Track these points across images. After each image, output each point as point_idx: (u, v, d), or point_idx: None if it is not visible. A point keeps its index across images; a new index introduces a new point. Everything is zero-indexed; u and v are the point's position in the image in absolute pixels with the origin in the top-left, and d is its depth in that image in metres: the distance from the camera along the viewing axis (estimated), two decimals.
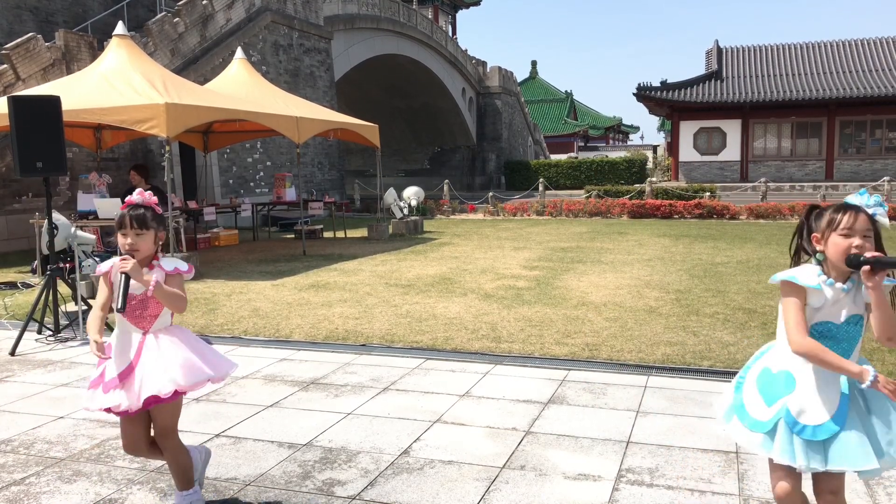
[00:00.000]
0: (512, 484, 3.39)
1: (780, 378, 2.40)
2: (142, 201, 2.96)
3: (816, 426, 2.30)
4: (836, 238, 2.30)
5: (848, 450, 2.27)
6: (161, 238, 3.01)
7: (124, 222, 2.91)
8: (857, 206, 2.33)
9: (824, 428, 2.29)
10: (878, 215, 2.31)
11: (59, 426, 4.24)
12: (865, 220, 2.30)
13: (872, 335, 2.34)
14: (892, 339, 2.28)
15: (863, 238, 2.27)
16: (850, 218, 2.30)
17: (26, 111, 6.42)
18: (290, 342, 6.24)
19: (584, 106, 69.00)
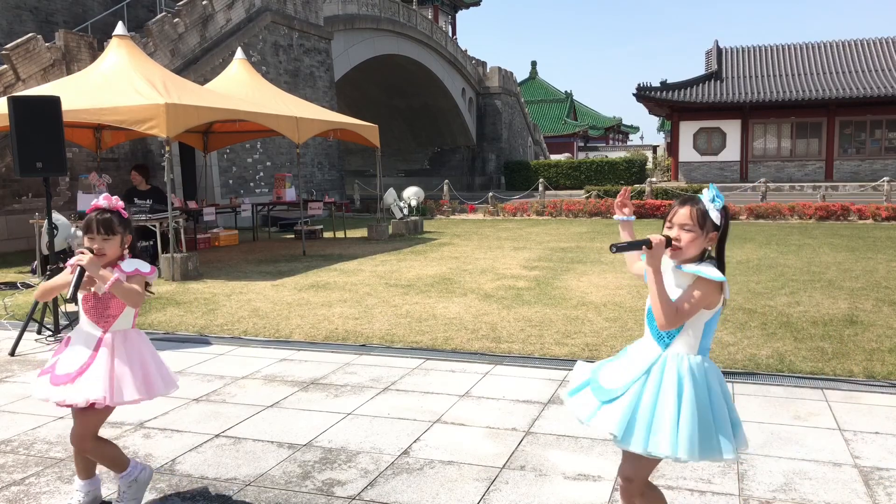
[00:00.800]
0: (512, 484, 3.39)
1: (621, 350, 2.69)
2: (108, 206, 3.00)
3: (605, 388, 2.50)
4: (664, 230, 2.55)
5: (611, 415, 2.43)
6: (128, 241, 3.05)
7: (91, 227, 2.95)
8: (691, 199, 2.51)
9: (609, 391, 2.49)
10: (709, 211, 2.46)
11: (59, 426, 4.24)
12: (688, 214, 2.46)
13: (868, 337, 2.34)
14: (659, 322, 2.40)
15: (680, 229, 2.47)
16: (675, 210, 2.52)
17: (26, 111, 6.42)
18: (289, 342, 6.24)
19: (583, 106, 68.99)
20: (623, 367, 2.54)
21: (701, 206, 2.47)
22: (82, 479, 3.16)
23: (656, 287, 2.39)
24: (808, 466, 3.52)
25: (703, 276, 2.40)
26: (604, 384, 2.52)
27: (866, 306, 7.26)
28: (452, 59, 36.78)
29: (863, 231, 15.44)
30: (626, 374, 2.50)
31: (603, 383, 2.53)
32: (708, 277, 2.40)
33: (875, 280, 8.89)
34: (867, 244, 12.87)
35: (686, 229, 2.45)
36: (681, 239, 2.45)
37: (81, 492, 3.15)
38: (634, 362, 2.52)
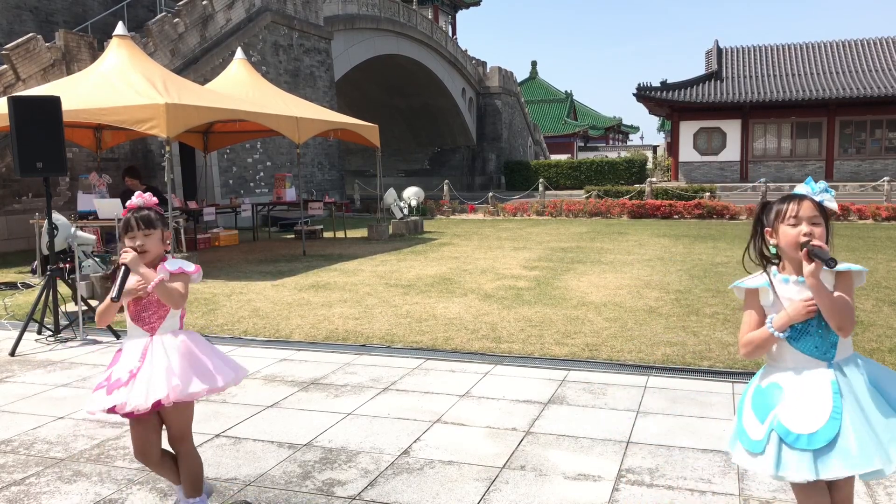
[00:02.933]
0: (512, 484, 3.39)
1: (768, 391, 2.35)
2: (143, 203, 2.97)
3: (811, 434, 2.21)
4: (785, 228, 2.29)
5: (844, 454, 2.17)
6: (168, 237, 3.03)
7: (130, 225, 2.92)
8: (802, 194, 2.33)
9: (819, 435, 2.20)
10: (825, 201, 2.30)
11: (59, 426, 4.24)
12: (810, 206, 2.28)
13: (868, 338, 2.34)
14: (842, 329, 2.22)
15: (811, 225, 2.26)
16: (795, 206, 2.29)
17: (26, 111, 6.42)
18: (290, 342, 6.24)
19: (584, 106, 68.99)
20: (804, 403, 2.25)
21: (812, 198, 2.30)
22: (178, 485, 3.07)
23: (828, 296, 2.20)
24: None
25: (855, 269, 2.26)
26: (800, 431, 2.22)
27: (866, 306, 7.26)
28: (452, 59, 36.78)
29: (863, 231, 15.44)
30: (818, 411, 2.22)
31: (799, 431, 2.22)
32: (859, 270, 2.26)
33: (875, 280, 8.89)
34: (867, 244, 12.86)
35: (815, 223, 2.26)
36: (814, 233, 2.25)
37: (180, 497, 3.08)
38: (814, 393, 2.25)
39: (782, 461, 2.23)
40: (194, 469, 3.04)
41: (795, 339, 2.30)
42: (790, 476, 2.22)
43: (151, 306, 2.94)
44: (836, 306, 2.19)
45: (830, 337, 2.28)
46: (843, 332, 2.22)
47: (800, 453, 2.20)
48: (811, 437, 2.20)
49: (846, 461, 2.17)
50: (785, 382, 2.32)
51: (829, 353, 2.28)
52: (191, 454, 3.03)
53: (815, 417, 2.22)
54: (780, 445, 2.24)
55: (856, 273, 2.28)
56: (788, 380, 2.32)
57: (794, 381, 2.30)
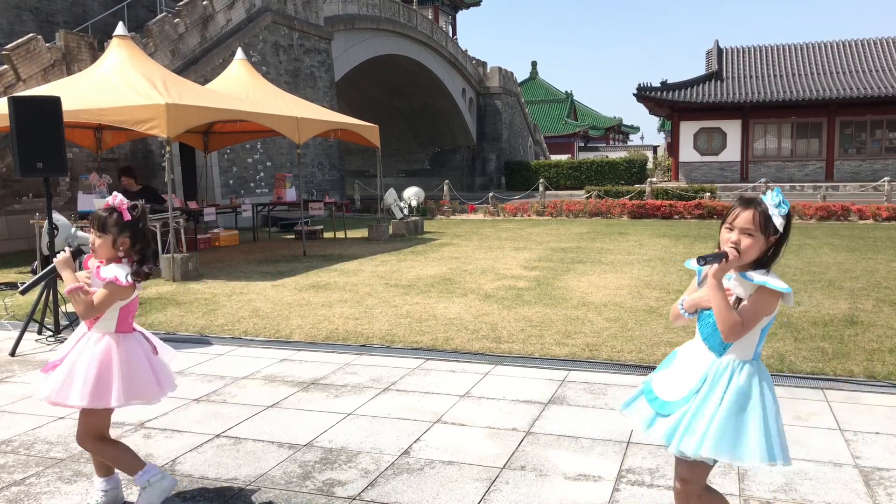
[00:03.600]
0: (512, 484, 3.39)
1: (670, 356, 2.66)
2: (113, 204, 3.03)
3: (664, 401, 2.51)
4: (724, 230, 2.45)
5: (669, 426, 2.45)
6: (123, 244, 3.01)
7: (91, 222, 3.03)
8: (753, 201, 2.41)
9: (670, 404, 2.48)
10: (773, 217, 2.36)
11: (59, 426, 4.24)
12: (749, 218, 2.36)
13: (868, 338, 2.36)
14: (724, 333, 2.36)
15: (741, 234, 2.36)
16: (737, 212, 2.40)
17: (27, 112, 6.43)
18: (290, 342, 6.24)
19: (584, 106, 68.97)
20: (676, 376, 2.54)
21: (763, 208, 2.37)
22: (101, 477, 3.17)
23: (722, 301, 2.34)
24: (809, 466, 3.52)
25: (770, 286, 2.33)
26: (659, 394, 2.53)
27: (867, 306, 7.26)
28: (453, 59, 36.78)
29: (863, 231, 15.44)
30: (681, 385, 2.49)
31: (658, 394, 2.54)
32: (773, 288, 2.33)
33: (875, 280, 8.89)
34: (867, 244, 12.86)
35: (747, 233, 2.35)
36: (740, 243, 2.36)
37: (100, 490, 3.16)
38: (689, 372, 2.51)
39: (633, 404, 2.62)
40: (111, 457, 3.12)
41: (700, 324, 2.52)
42: (629, 417, 2.62)
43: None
44: (721, 311, 2.35)
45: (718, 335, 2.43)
46: (724, 335, 2.38)
47: (648, 408, 2.55)
48: (663, 403, 2.51)
49: (667, 432, 2.46)
50: (680, 352, 2.62)
51: (721, 347, 2.45)
52: (97, 451, 3.11)
53: (674, 389, 2.50)
54: (639, 395, 2.61)
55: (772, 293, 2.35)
56: (683, 351, 2.61)
57: (685, 355, 2.58)
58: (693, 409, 2.43)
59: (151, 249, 3.14)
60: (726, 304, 2.35)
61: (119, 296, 2.98)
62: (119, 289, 2.95)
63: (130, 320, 3.12)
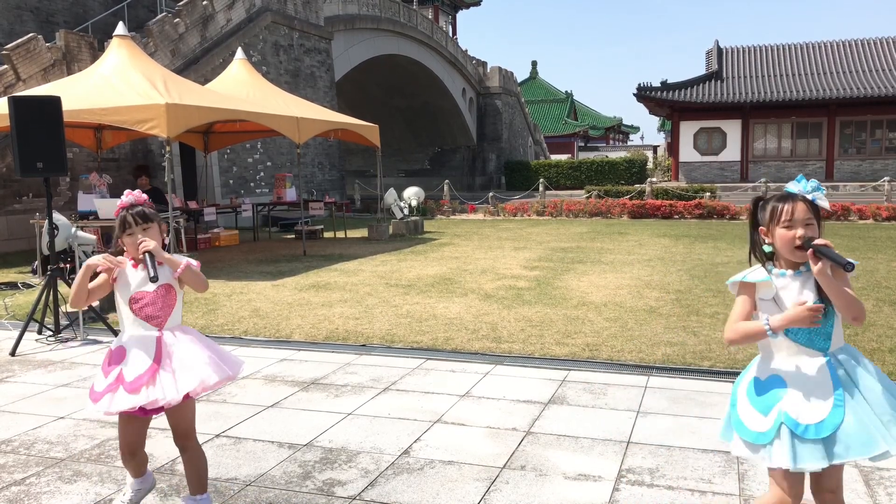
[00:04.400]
0: (512, 484, 3.39)
1: (769, 384, 2.38)
2: (134, 201, 2.99)
3: (818, 423, 2.27)
4: (780, 230, 2.34)
5: (851, 440, 2.25)
6: (164, 229, 3.03)
7: (127, 222, 2.92)
8: (795, 193, 2.36)
9: (826, 424, 2.26)
10: (817, 200, 2.34)
11: (59, 426, 4.24)
12: (804, 208, 2.33)
13: (868, 338, 2.35)
14: (857, 319, 2.29)
15: (804, 227, 2.31)
16: (790, 208, 2.33)
17: (27, 111, 6.42)
18: (290, 342, 6.24)
19: (584, 106, 68.97)
20: (806, 395, 2.31)
21: (804, 197, 2.34)
22: (134, 478, 3.11)
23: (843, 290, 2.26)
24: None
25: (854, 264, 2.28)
26: (806, 422, 2.28)
27: (867, 306, 7.23)
28: (453, 59, 36.78)
29: (863, 231, 15.44)
30: (822, 401, 2.29)
31: (804, 421, 2.29)
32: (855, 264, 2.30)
33: (875, 280, 8.89)
34: (867, 244, 12.86)
35: (809, 224, 2.31)
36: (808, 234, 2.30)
37: (132, 489, 3.11)
38: (815, 383, 2.32)
39: (798, 454, 2.27)
40: (202, 466, 3.05)
41: (793, 332, 2.34)
42: (808, 467, 2.27)
43: (158, 301, 2.93)
44: (848, 299, 2.25)
45: (826, 328, 2.33)
46: (859, 321, 2.29)
47: (811, 444, 2.26)
48: (818, 426, 2.26)
49: (854, 446, 2.24)
50: (786, 374, 2.36)
51: (825, 344, 2.34)
52: (197, 451, 3.05)
53: (819, 407, 2.28)
54: (792, 438, 2.28)
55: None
56: (789, 371, 2.36)
57: (795, 373, 2.35)
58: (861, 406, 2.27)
59: None
60: (848, 292, 2.26)
61: None
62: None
63: None
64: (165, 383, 2.83)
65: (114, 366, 2.91)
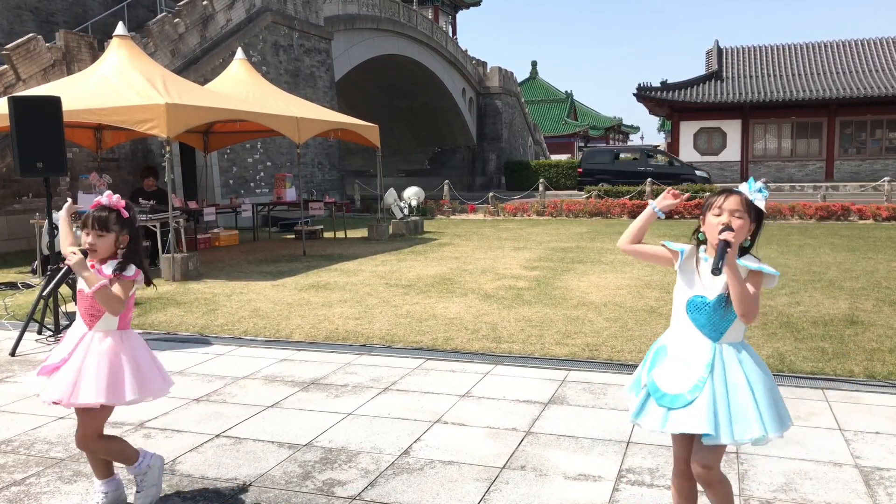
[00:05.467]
0: (512, 484, 3.39)
1: (659, 350, 2.66)
2: (108, 203, 3.02)
3: (674, 395, 2.52)
4: (710, 217, 2.53)
5: (690, 417, 2.47)
6: (123, 241, 3.04)
7: (87, 222, 2.99)
8: (737, 190, 2.53)
9: (679, 397, 2.51)
10: (755, 200, 2.50)
11: (59, 426, 4.24)
12: (737, 201, 2.49)
13: (868, 338, 2.37)
14: (746, 316, 2.45)
15: (731, 216, 2.46)
16: (723, 199, 2.51)
17: (27, 112, 6.43)
18: (290, 342, 6.24)
19: (584, 106, 68.95)
20: (679, 368, 2.56)
21: (746, 195, 2.52)
22: (101, 479, 3.16)
23: (740, 285, 2.41)
24: (809, 466, 3.52)
25: (766, 271, 2.48)
26: (667, 390, 2.55)
27: (867, 306, 7.26)
28: (453, 59, 36.77)
29: (863, 231, 15.44)
30: (688, 376, 2.53)
31: (666, 390, 2.55)
32: (768, 272, 2.48)
33: (875, 280, 8.89)
34: (868, 244, 12.86)
35: (737, 216, 2.47)
36: (732, 224, 2.46)
37: (101, 492, 3.14)
38: (691, 362, 2.55)
39: (643, 410, 2.61)
40: (114, 450, 3.13)
41: (692, 312, 2.56)
42: (644, 424, 2.60)
43: (88, 301, 3.00)
44: (744, 294, 2.41)
45: (725, 321, 2.52)
46: (747, 318, 2.45)
47: (658, 408, 2.55)
48: (673, 397, 2.52)
49: (689, 421, 2.48)
50: (672, 346, 2.62)
51: (715, 334, 2.54)
52: (104, 446, 3.10)
53: (683, 382, 2.52)
54: (647, 398, 2.60)
55: (767, 275, 2.50)
56: (675, 345, 2.61)
57: (679, 348, 2.59)
58: (719, 395, 2.47)
59: (142, 247, 3.18)
60: (747, 290, 2.42)
61: (129, 289, 3.02)
62: (129, 283, 3.00)
63: (129, 318, 3.14)
64: (59, 382, 2.97)
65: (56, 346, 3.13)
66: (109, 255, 3.03)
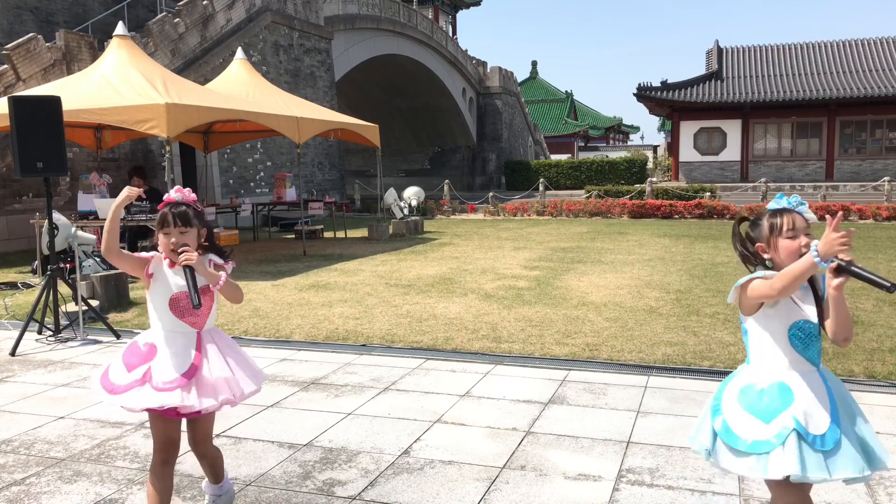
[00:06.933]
0: (512, 484, 3.39)
1: (772, 392, 2.33)
2: (181, 199, 2.89)
3: (822, 436, 2.25)
4: (784, 241, 2.34)
5: (848, 457, 2.24)
6: (203, 235, 2.91)
7: (167, 220, 2.80)
8: (787, 208, 2.38)
9: (827, 437, 2.25)
10: (804, 213, 2.38)
11: (59, 426, 4.24)
12: (802, 218, 2.36)
13: (868, 338, 2.35)
14: (848, 340, 2.28)
15: (806, 235, 2.33)
16: (790, 220, 2.35)
17: (27, 111, 6.42)
18: (290, 342, 6.24)
19: (584, 106, 68.97)
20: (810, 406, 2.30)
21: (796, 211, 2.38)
22: (212, 484, 3.08)
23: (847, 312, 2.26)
24: None
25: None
26: (815, 432, 2.27)
27: (867, 306, 7.26)
28: (453, 59, 36.78)
29: (863, 231, 15.43)
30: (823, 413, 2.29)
31: (815, 431, 2.27)
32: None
33: None
34: (868, 244, 12.86)
35: (808, 234, 2.34)
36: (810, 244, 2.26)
37: (212, 495, 3.09)
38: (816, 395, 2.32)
39: (805, 462, 2.23)
40: (219, 463, 3.06)
41: (804, 344, 2.33)
42: (813, 477, 2.23)
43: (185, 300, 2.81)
44: (849, 320, 2.25)
45: (818, 344, 2.36)
46: (848, 342, 2.28)
47: (816, 454, 2.24)
48: (822, 438, 2.25)
49: (848, 463, 2.23)
50: (794, 384, 2.32)
51: (818, 358, 2.38)
52: (215, 453, 3.04)
53: (822, 419, 2.27)
54: (799, 445, 2.24)
55: None
56: (797, 382, 2.32)
57: (799, 383, 2.32)
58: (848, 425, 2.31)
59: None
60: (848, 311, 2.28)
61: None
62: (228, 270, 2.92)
63: None
64: (205, 389, 2.76)
65: (142, 362, 2.80)
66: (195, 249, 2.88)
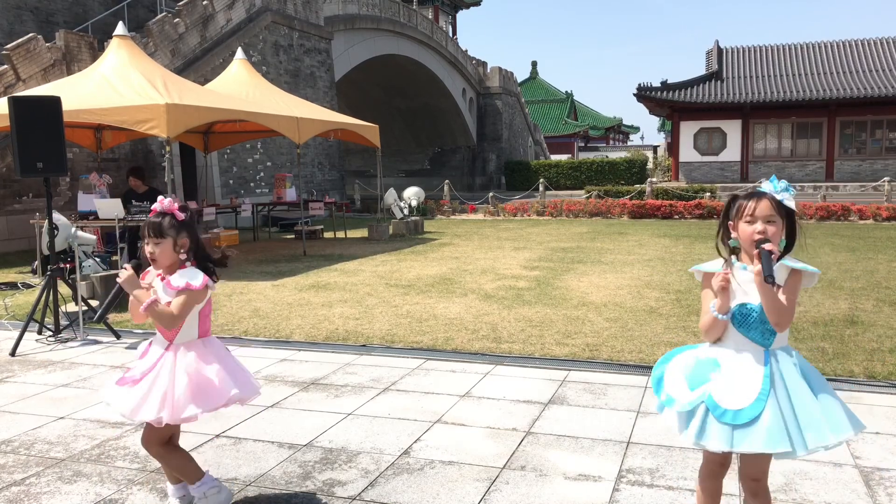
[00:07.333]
0: (512, 484, 3.39)
1: (706, 364, 2.52)
2: (161, 208, 2.90)
3: (737, 410, 2.38)
4: (742, 225, 2.44)
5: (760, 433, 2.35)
6: (183, 245, 2.91)
7: (143, 231, 2.92)
8: (763, 192, 2.45)
9: (744, 413, 2.37)
10: (784, 200, 2.43)
11: (59, 426, 4.24)
12: (768, 205, 2.41)
13: (868, 338, 2.36)
14: (779, 325, 2.39)
15: (765, 223, 2.39)
16: (753, 204, 2.42)
17: (27, 112, 6.42)
18: (290, 342, 6.24)
19: (584, 106, 68.97)
20: (736, 381, 2.43)
21: (772, 196, 2.44)
22: (172, 485, 3.12)
23: (774, 296, 2.35)
24: (809, 466, 3.52)
25: (809, 270, 2.42)
26: (728, 406, 2.40)
27: (867, 306, 7.26)
28: (453, 59, 36.78)
29: (863, 231, 15.44)
30: (748, 389, 2.40)
31: (727, 406, 2.40)
32: (812, 271, 2.42)
33: (875, 280, 8.89)
34: (868, 244, 12.86)
35: (771, 221, 2.40)
36: (767, 232, 2.39)
37: (175, 497, 3.11)
38: (748, 373, 2.43)
39: (705, 431, 2.43)
40: (173, 463, 3.06)
41: (739, 321, 2.46)
42: (709, 445, 2.42)
43: None
44: (776, 304, 2.36)
45: (769, 327, 2.44)
46: (780, 327, 2.41)
47: (721, 426, 2.40)
48: (736, 413, 2.39)
49: (760, 439, 2.34)
50: (724, 359, 2.49)
51: (767, 340, 2.45)
52: (162, 454, 3.04)
53: (743, 396, 2.40)
54: (706, 417, 2.43)
55: (807, 274, 2.44)
56: (727, 357, 2.49)
57: (732, 360, 2.47)
58: (783, 406, 2.36)
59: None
60: (779, 300, 2.38)
61: (196, 300, 2.89)
62: (195, 293, 2.87)
63: (209, 323, 3.04)
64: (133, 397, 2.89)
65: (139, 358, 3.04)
66: (172, 261, 2.90)
